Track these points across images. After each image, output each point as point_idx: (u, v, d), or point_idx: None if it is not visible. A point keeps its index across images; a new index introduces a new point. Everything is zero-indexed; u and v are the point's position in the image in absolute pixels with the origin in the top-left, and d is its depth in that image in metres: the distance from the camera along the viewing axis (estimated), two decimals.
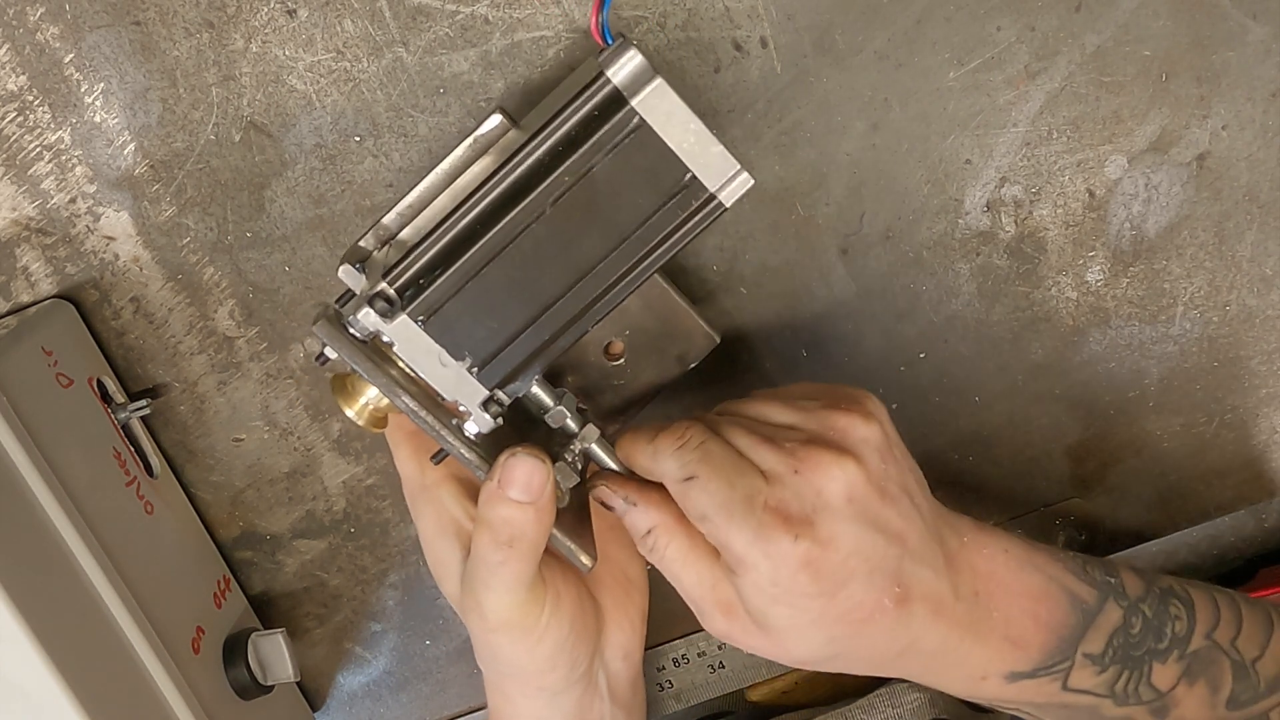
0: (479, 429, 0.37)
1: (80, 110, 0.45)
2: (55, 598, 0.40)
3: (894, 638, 0.37)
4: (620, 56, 0.34)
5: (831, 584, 0.36)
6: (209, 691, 0.45)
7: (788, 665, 0.40)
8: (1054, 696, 0.40)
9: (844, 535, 0.36)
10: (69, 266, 0.47)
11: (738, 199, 0.36)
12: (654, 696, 0.55)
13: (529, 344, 0.36)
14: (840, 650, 0.38)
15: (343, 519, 0.52)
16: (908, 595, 0.37)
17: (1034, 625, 0.39)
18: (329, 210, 0.46)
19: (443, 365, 0.36)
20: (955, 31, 0.44)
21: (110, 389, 0.47)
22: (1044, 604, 0.39)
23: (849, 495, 0.36)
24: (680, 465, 0.37)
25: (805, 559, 0.35)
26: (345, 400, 0.39)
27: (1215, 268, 0.48)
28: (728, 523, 0.36)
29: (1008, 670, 0.39)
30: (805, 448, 0.37)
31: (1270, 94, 0.46)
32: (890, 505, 0.37)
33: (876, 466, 0.37)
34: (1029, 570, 0.39)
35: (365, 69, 0.44)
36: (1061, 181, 0.47)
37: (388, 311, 0.35)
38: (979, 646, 0.38)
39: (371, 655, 0.54)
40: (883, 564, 0.36)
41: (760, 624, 0.37)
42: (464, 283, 0.35)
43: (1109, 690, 0.40)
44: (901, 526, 0.37)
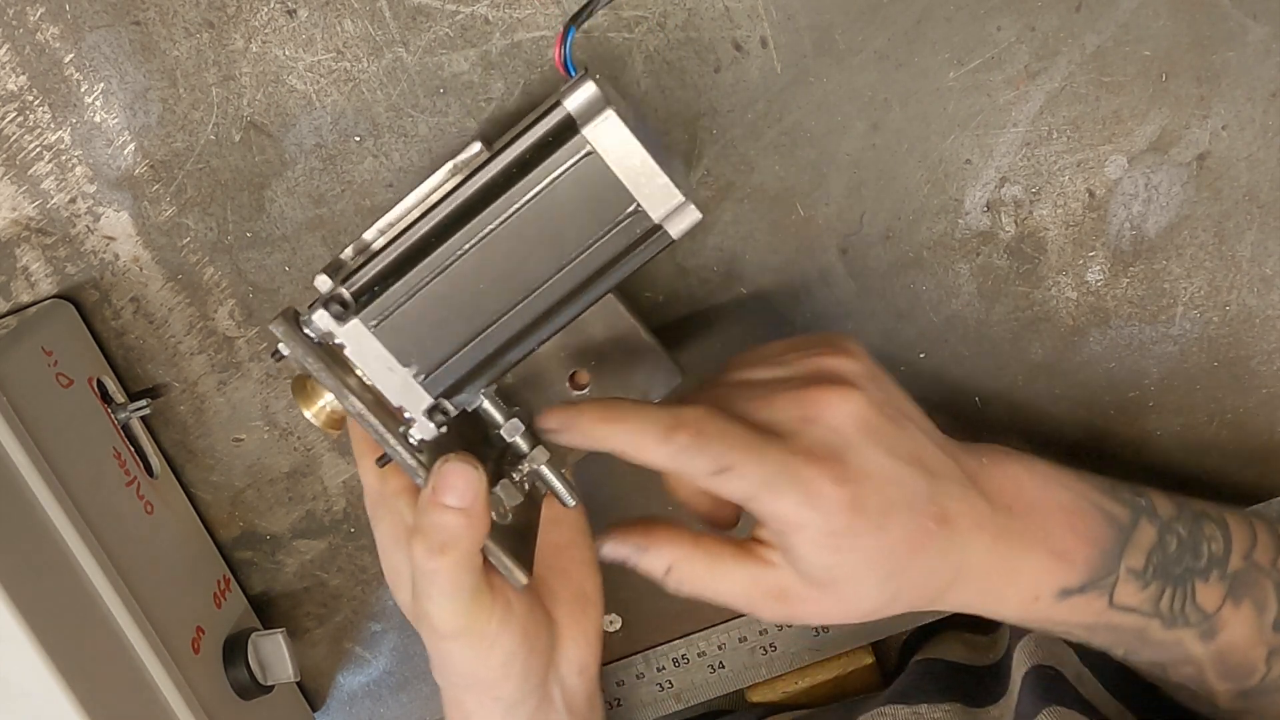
0: (422, 435, 0.38)
1: (80, 110, 0.45)
2: (55, 598, 0.40)
3: (945, 561, 0.37)
4: (578, 87, 0.35)
5: (878, 516, 0.36)
6: (209, 691, 0.45)
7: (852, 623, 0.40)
8: (1102, 615, 0.39)
9: (874, 465, 0.36)
10: (69, 266, 0.47)
11: (685, 230, 0.37)
12: (654, 696, 0.55)
13: (474, 356, 0.37)
14: (898, 587, 0.38)
15: (343, 519, 0.52)
16: (945, 514, 0.37)
17: (1074, 538, 0.39)
18: (329, 210, 0.46)
19: (390, 370, 0.37)
20: (955, 31, 0.44)
21: (110, 389, 0.47)
22: (1078, 518, 0.39)
23: (862, 426, 0.36)
24: (710, 460, 0.37)
25: (850, 499, 0.36)
26: (304, 401, 0.39)
27: (1215, 268, 0.48)
28: (775, 496, 0.36)
29: (1058, 586, 0.39)
30: (806, 393, 0.37)
31: (1270, 94, 0.46)
32: (900, 429, 0.37)
33: (875, 394, 0.37)
34: (1056, 487, 0.40)
35: (365, 69, 0.44)
36: (1061, 181, 0.47)
37: (341, 314, 0.36)
38: (1026, 560, 0.38)
39: (371, 655, 0.54)
40: (915, 488, 0.37)
41: (819, 585, 0.37)
42: (415, 292, 0.36)
43: (1155, 609, 0.40)
44: (916, 449, 0.37)
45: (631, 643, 0.54)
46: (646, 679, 0.55)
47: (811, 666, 0.58)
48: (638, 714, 0.55)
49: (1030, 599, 0.39)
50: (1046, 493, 0.39)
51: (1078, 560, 0.39)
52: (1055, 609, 0.39)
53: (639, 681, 0.55)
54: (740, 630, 0.54)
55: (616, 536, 0.40)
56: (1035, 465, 0.40)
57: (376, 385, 0.37)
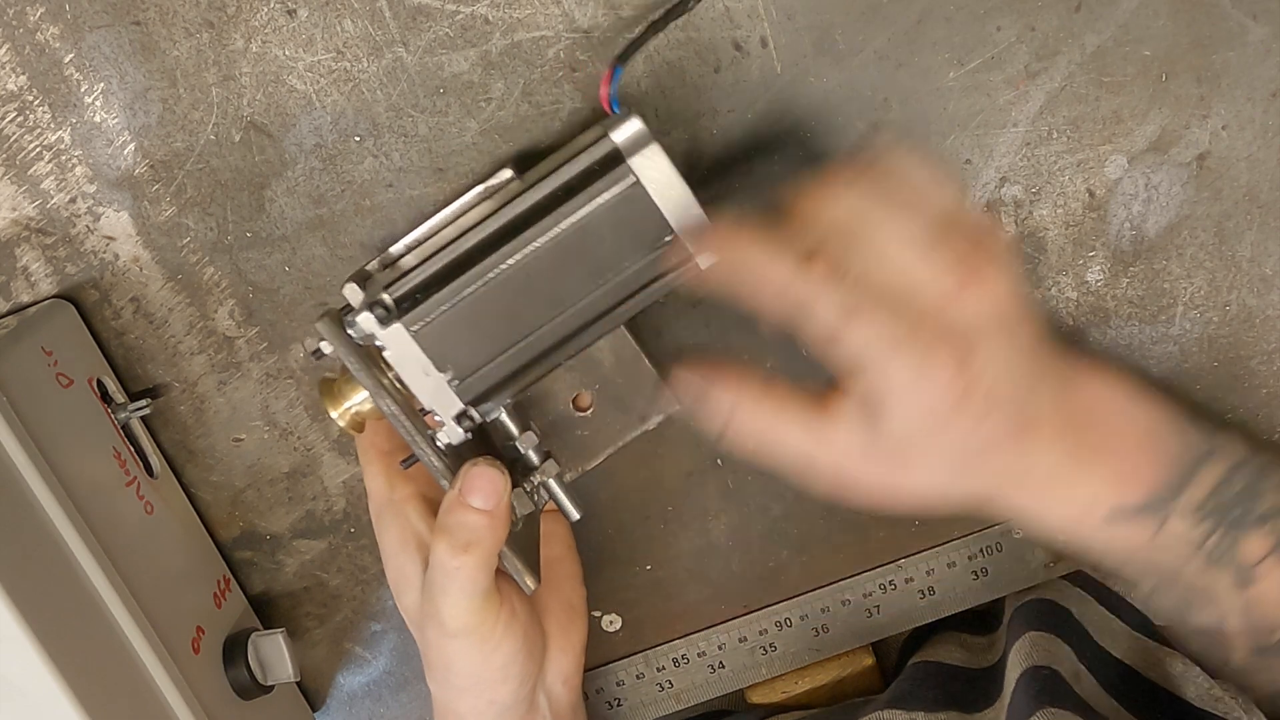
0: (450, 440, 0.39)
1: (80, 110, 0.45)
2: (55, 598, 0.40)
3: (1015, 466, 0.37)
4: (624, 121, 0.37)
5: (982, 409, 0.36)
6: (209, 691, 0.45)
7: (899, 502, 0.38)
8: (1145, 545, 0.39)
9: (999, 359, 0.36)
10: (69, 266, 0.47)
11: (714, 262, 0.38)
12: (654, 696, 0.55)
13: (506, 367, 0.38)
14: (964, 481, 0.37)
15: (343, 519, 0.52)
16: (1034, 420, 0.37)
17: (1144, 460, 0.38)
18: (329, 210, 0.46)
19: (426, 375, 0.38)
20: (955, 31, 0.44)
21: (110, 389, 0.47)
22: (1152, 444, 0.38)
23: (1002, 319, 0.36)
24: (841, 300, 0.35)
25: (966, 386, 0.35)
26: (330, 402, 0.41)
27: (1215, 268, 0.48)
28: (892, 355, 0.35)
29: (1113, 504, 0.38)
30: (964, 266, 0.35)
31: (1270, 94, 0.46)
32: (1029, 328, 0.37)
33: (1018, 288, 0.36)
34: (1136, 409, 0.39)
35: (365, 69, 0.44)
36: (1061, 181, 0.47)
37: (385, 318, 0.37)
38: (1088, 476, 0.38)
39: (371, 655, 0.54)
40: (1016, 392, 0.36)
41: (889, 456, 0.37)
42: (456, 302, 0.37)
43: (1197, 549, 0.39)
44: (1030, 349, 0.37)
45: (631, 643, 0.54)
46: (646, 679, 0.55)
47: (811, 667, 0.58)
48: (638, 714, 0.55)
49: (1081, 516, 0.38)
50: (1129, 408, 0.39)
51: (1139, 485, 0.38)
52: (1100, 531, 0.39)
53: (639, 681, 0.55)
54: (740, 630, 0.54)
55: (687, 370, 0.39)
56: (1116, 383, 0.39)
57: (411, 388, 0.38)
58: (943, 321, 0.35)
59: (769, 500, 0.52)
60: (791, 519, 0.52)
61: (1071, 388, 0.38)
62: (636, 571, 0.53)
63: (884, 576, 0.53)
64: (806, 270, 0.35)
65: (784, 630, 0.54)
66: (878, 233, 0.35)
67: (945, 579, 0.53)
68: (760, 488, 0.52)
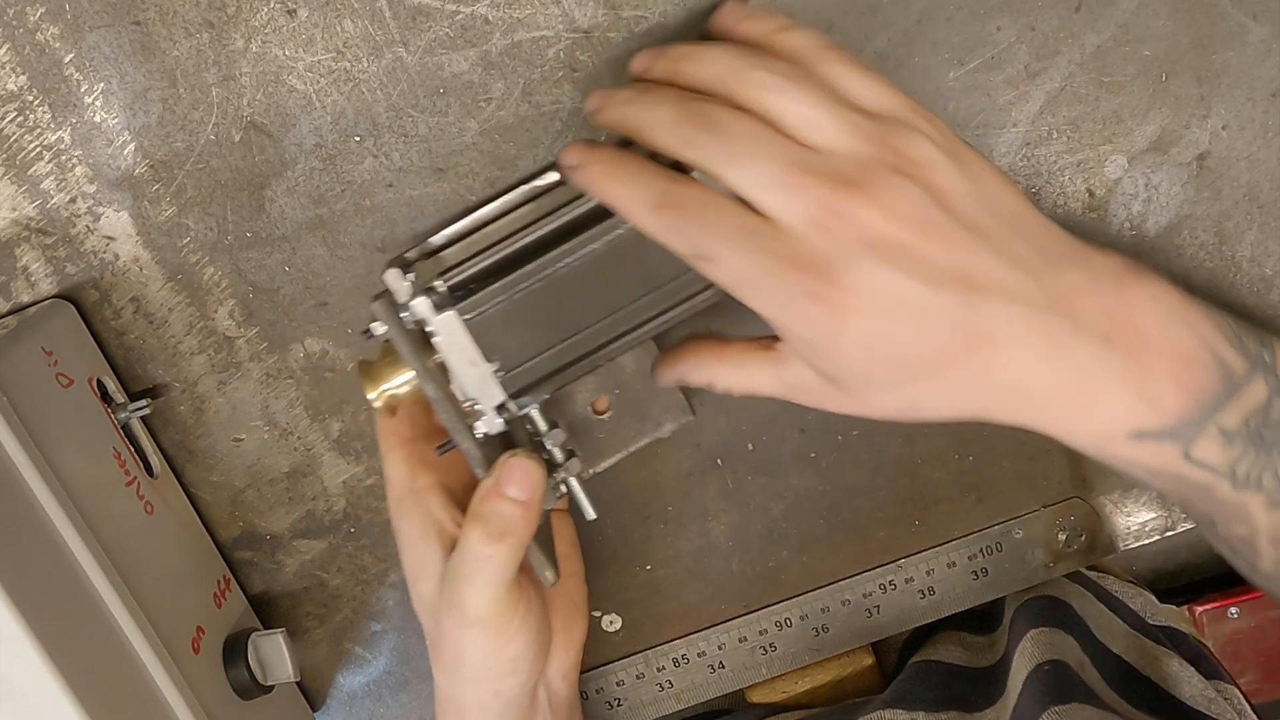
0: (488, 430, 0.40)
1: (80, 110, 0.45)
2: (55, 598, 0.40)
3: (986, 383, 0.35)
4: None
5: (866, 332, 0.34)
6: (209, 691, 0.45)
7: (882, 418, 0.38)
8: (1172, 465, 0.37)
9: (871, 282, 0.34)
10: (69, 266, 0.47)
11: None
12: (654, 696, 0.55)
13: (550, 363, 0.39)
14: (920, 396, 0.36)
15: (343, 519, 0.52)
16: (989, 337, 0.35)
17: (1174, 386, 0.36)
18: (329, 210, 0.46)
19: (472, 364, 0.39)
20: (955, 31, 0.44)
21: (110, 389, 0.47)
22: (1190, 367, 0.36)
23: (871, 242, 0.34)
24: (691, 246, 0.35)
25: (828, 313, 0.34)
26: (368, 383, 0.42)
27: (1215, 268, 0.48)
28: (752, 294, 0.35)
29: (1135, 427, 0.36)
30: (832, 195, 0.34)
31: (1270, 94, 0.46)
32: (940, 246, 0.34)
33: (919, 210, 0.34)
34: (1179, 325, 0.36)
35: (365, 69, 0.44)
36: (1061, 181, 0.47)
37: (439, 304, 0.38)
38: (1108, 396, 0.36)
39: (371, 655, 0.54)
40: (934, 306, 0.34)
41: (829, 382, 0.37)
42: (510, 296, 0.38)
43: (1229, 470, 0.37)
44: (962, 265, 0.34)
45: (631, 643, 0.54)
46: (646, 679, 0.55)
47: (811, 667, 0.58)
48: (638, 714, 0.55)
49: (1103, 435, 0.36)
50: (1166, 328, 0.36)
51: (1169, 408, 0.36)
52: (1126, 447, 0.37)
53: (639, 681, 0.55)
54: (740, 630, 0.54)
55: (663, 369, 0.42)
56: (1163, 295, 0.36)
57: (457, 376, 0.39)
58: (794, 253, 0.34)
59: (769, 500, 0.52)
60: (791, 519, 0.52)
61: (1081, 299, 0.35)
62: (636, 571, 0.53)
63: (884, 576, 0.53)
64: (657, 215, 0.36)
65: (784, 630, 0.54)
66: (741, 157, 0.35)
67: (945, 579, 0.53)
68: (760, 488, 0.52)
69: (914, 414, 0.37)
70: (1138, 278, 0.37)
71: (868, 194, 0.34)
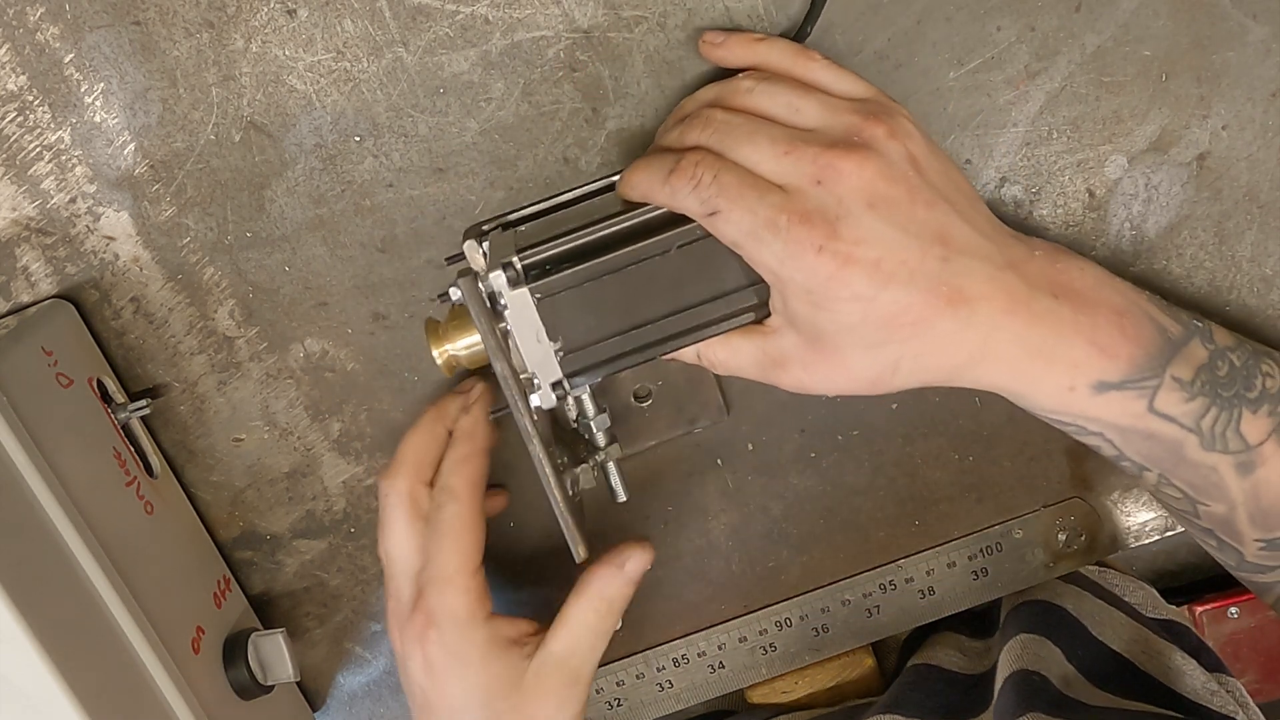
0: (542, 404, 0.42)
1: (80, 110, 0.45)
2: (55, 598, 0.40)
3: (960, 339, 0.37)
4: None
5: (867, 285, 0.36)
6: (209, 691, 0.45)
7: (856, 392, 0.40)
8: (1140, 418, 0.39)
9: (870, 234, 0.36)
10: (69, 266, 0.47)
11: None
12: (654, 696, 0.55)
13: (609, 350, 0.41)
14: (896, 358, 0.38)
15: (343, 519, 0.52)
16: (962, 293, 0.37)
17: (1120, 336, 0.38)
18: (329, 210, 0.46)
19: (537, 341, 0.41)
20: (955, 31, 0.44)
21: (110, 389, 0.47)
22: (1128, 320, 0.38)
23: (869, 196, 0.37)
24: (700, 202, 0.38)
25: (832, 263, 0.36)
26: (434, 341, 0.44)
27: (1215, 268, 0.48)
28: (757, 247, 0.37)
29: (1095, 377, 0.38)
30: (826, 154, 0.37)
31: (1270, 94, 0.46)
32: (923, 206, 0.37)
33: (903, 171, 0.37)
34: (1109, 289, 0.39)
35: (365, 69, 0.44)
36: (1061, 181, 0.47)
37: (514, 281, 0.40)
38: (1064, 347, 0.38)
39: (371, 655, 0.54)
40: (922, 263, 0.37)
41: (812, 346, 0.39)
42: (583, 282, 0.40)
43: (1195, 425, 0.39)
44: (938, 226, 0.37)
45: (631, 643, 0.54)
46: (646, 679, 0.55)
47: (811, 667, 0.58)
48: (638, 714, 0.55)
49: (1066, 387, 0.38)
50: (1098, 291, 0.39)
51: (1120, 356, 0.38)
52: (1091, 402, 0.39)
53: (639, 681, 0.55)
54: (740, 630, 0.54)
55: None
56: (1092, 267, 0.40)
57: (521, 349, 0.41)
58: (798, 208, 0.37)
59: (769, 500, 0.52)
60: (791, 519, 0.52)
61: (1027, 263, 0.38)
62: None
63: (884, 576, 0.53)
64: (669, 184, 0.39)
65: (784, 630, 0.54)
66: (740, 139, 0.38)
67: (945, 579, 0.53)
68: (760, 488, 0.52)
69: (889, 378, 0.39)
70: (1065, 253, 0.40)
71: (861, 152, 0.37)
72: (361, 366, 0.49)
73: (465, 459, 0.43)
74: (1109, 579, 0.60)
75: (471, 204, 0.46)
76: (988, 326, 0.37)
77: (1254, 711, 0.53)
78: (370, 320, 0.48)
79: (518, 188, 0.46)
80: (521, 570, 0.52)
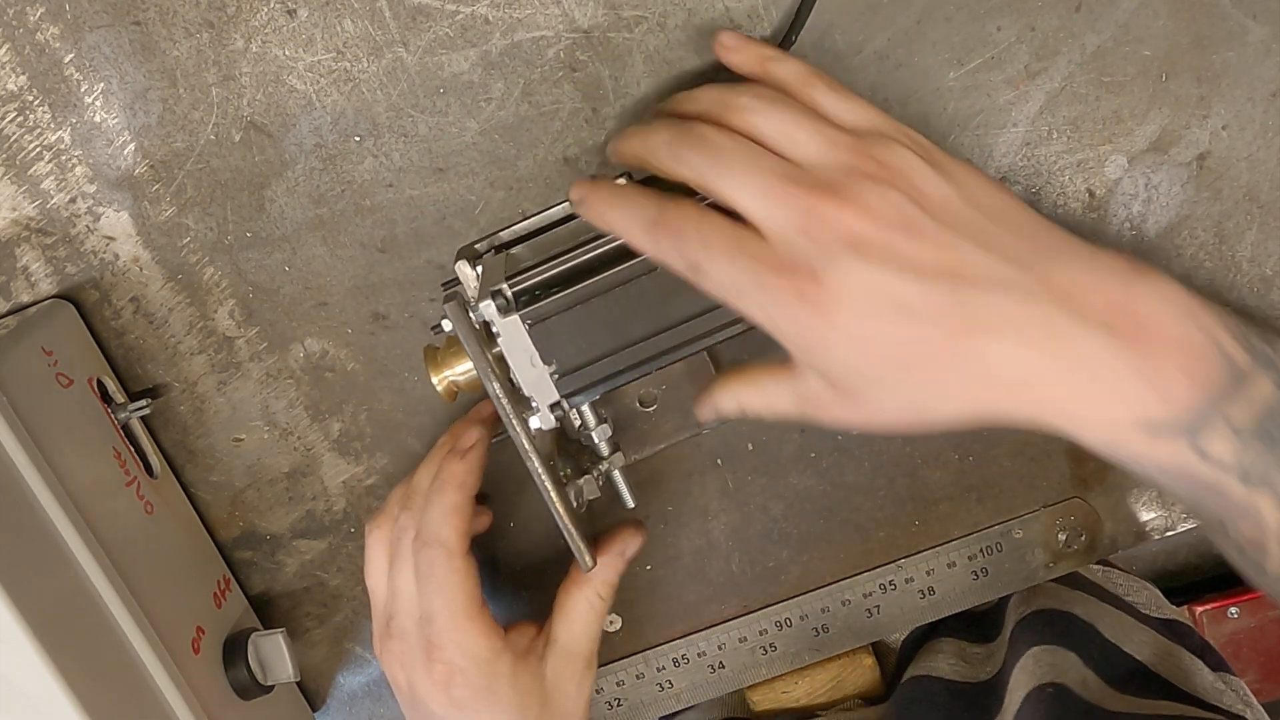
0: (541, 425, 0.42)
1: (80, 110, 0.45)
2: (55, 598, 0.40)
3: (983, 377, 0.36)
4: None
5: (857, 328, 0.35)
6: (209, 691, 0.45)
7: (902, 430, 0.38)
8: (1184, 461, 0.37)
9: (857, 279, 0.35)
10: (69, 266, 0.47)
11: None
12: (654, 696, 0.55)
13: (605, 369, 0.41)
14: (920, 398, 0.37)
15: (343, 519, 0.52)
16: (979, 327, 0.35)
17: (1182, 378, 0.35)
18: (329, 210, 0.46)
19: (531, 365, 0.41)
20: (955, 31, 0.44)
21: (110, 389, 0.47)
22: (1197, 360, 0.36)
23: (853, 241, 0.35)
24: (683, 259, 0.37)
25: (815, 312, 0.35)
26: (433, 368, 0.44)
27: (1215, 268, 0.48)
28: (741, 301, 0.37)
29: (1143, 418, 0.36)
30: (811, 198, 0.36)
31: (1270, 94, 0.46)
32: (928, 245, 0.35)
33: (899, 213, 0.36)
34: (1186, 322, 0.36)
35: (365, 69, 0.44)
36: (1061, 181, 0.47)
37: (504, 309, 0.40)
38: (1112, 386, 0.36)
39: (371, 655, 0.54)
40: (924, 299, 0.35)
41: (836, 389, 0.38)
42: (573, 305, 0.41)
43: (1239, 468, 0.37)
44: (950, 261, 0.35)
45: (631, 643, 0.54)
46: (646, 679, 0.55)
47: (811, 667, 0.58)
48: (638, 714, 0.55)
49: (1112, 426, 0.36)
50: (1173, 324, 0.36)
51: (1177, 399, 0.36)
52: (1136, 441, 0.36)
53: (639, 681, 0.55)
54: (740, 630, 0.54)
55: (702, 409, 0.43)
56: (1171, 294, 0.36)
57: (516, 374, 0.42)
58: (778, 259, 0.36)
59: (769, 500, 0.52)
60: (791, 519, 0.52)
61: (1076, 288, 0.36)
62: (637, 571, 0.53)
63: (884, 576, 0.53)
64: (651, 237, 0.38)
65: (784, 630, 0.54)
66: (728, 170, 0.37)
67: (945, 579, 0.53)
68: (760, 488, 0.52)
69: (922, 417, 0.37)
70: (1143, 276, 0.37)
71: (847, 198, 0.36)
72: (361, 366, 0.49)
73: (455, 509, 0.44)
74: (1113, 579, 0.60)
75: (471, 204, 0.47)
76: (1019, 363, 0.35)
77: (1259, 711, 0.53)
78: (370, 320, 0.48)
79: (518, 188, 0.46)
80: (521, 571, 0.53)
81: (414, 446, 0.51)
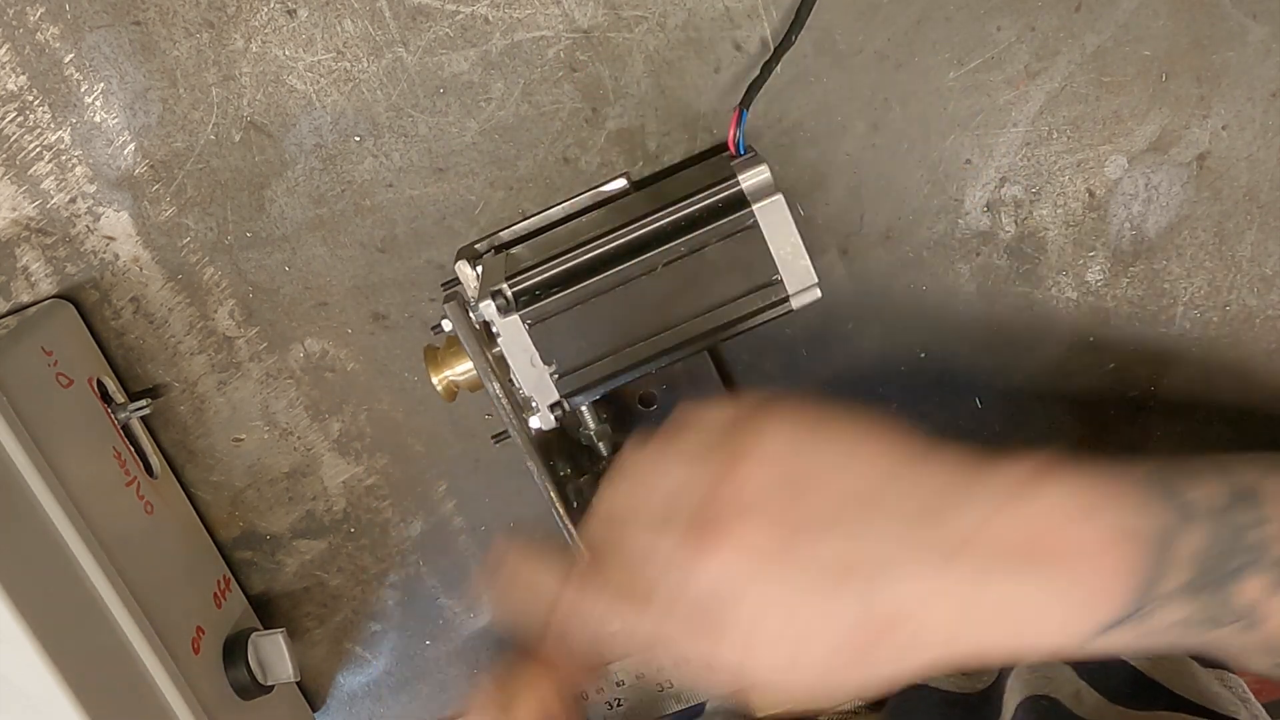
0: (541, 425, 0.42)
1: (80, 110, 0.45)
2: (55, 598, 0.40)
3: (910, 653, 0.35)
4: (753, 168, 0.41)
5: (786, 653, 0.34)
6: (209, 691, 0.45)
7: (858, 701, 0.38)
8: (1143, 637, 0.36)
9: (761, 607, 0.34)
10: (69, 266, 0.47)
11: (805, 305, 0.42)
12: (653, 697, 0.55)
13: (605, 369, 0.42)
14: (861, 676, 0.36)
15: (343, 519, 0.52)
16: (893, 617, 0.34)
17: (1111, 576, 0.35)
18: (329, 210, 0.46)
19: (531, 365, 0.41)
20: (955, 31, 0.44)
21: (110, 389, 0.47)
22: (1111, 557, 0.35)
23: (744, 575, 0.34)
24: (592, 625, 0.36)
25: (738, 658, 0.34)
26: (433, 368, 0.44)
27: (1215, 268, 0.48)
28: (653, 653, 0.36)
29: (1093, 626, 0.35)
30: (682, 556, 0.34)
31: (1270, 94, 0.46)
32: (815, 546, 0.34)
33: (769, 523, 0.34)
34: (1091, 522, 0.35)
35: (365, 69, 0.44)
36: (1061, 181, 0.47)
37: (504, 309, 0.41)
38: (1046, 611, 0.35)
39: (371, 655, 0.54)
40: (837, 603, 0.34)
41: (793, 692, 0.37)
42: (573, 305, 0.41)
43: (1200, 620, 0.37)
44: (844, 556, 0.34)
45: None
46: (646, 679, 0.55)
47: None
48: (638, 714, 0.55)
49: (1073, 641, 0.36)
50: (1080, 531, 0.35)
51: (1114, 597, 0.35)
52: (1088, 646, 0.36)
53: (639, 681, 0.55)
54: None
55: None
56: (1069, 496, 0.36)
57: (516, 374, 0.42)
58: (675, 620, 0.34)
59: None
60: None
61: (987, 534, 0.35)
62: None
63: None
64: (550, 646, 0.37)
65: None
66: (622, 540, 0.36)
67: None
68: None
69: (880, 686, 0.36)
70: (1038, 484, 0.36)
71: (715, 539, 0.34)
72: (361, 366, 0.49)
73: None
74: None
75: (471, 204, 0.47)
76: (942, 627, 0.34)
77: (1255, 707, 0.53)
78: (370, 320, 0.48)
79: (518, 188, 0.46)
80: None
81: (414, 446, 0.51)
